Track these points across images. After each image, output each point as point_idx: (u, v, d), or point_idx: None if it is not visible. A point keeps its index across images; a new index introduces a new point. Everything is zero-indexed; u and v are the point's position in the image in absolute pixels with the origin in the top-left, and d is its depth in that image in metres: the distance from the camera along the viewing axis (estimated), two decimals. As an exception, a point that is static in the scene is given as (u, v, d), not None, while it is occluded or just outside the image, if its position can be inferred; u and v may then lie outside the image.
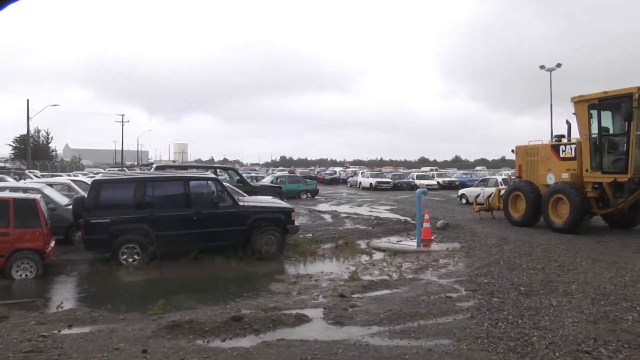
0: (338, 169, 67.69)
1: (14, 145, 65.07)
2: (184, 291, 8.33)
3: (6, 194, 10.02)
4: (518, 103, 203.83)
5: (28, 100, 46.96)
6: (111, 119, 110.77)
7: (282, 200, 16.32)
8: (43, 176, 27.77)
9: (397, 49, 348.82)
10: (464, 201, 24.08)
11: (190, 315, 6.20)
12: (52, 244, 9.80)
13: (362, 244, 12.52)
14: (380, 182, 38.74)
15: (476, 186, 23.97)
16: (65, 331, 5.88)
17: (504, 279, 8.20)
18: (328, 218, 18.77)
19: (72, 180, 17.11)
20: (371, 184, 38.78)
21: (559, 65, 38.89)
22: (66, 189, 15.18)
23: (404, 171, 54.87)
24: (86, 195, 10.67)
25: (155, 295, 7.39)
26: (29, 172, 30.57)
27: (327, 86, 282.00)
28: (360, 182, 41.30)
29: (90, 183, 11.43)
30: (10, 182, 18.83)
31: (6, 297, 7.91)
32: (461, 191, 25.66)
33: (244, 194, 13.85)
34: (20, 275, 8.98)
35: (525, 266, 9.24)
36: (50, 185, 14.43)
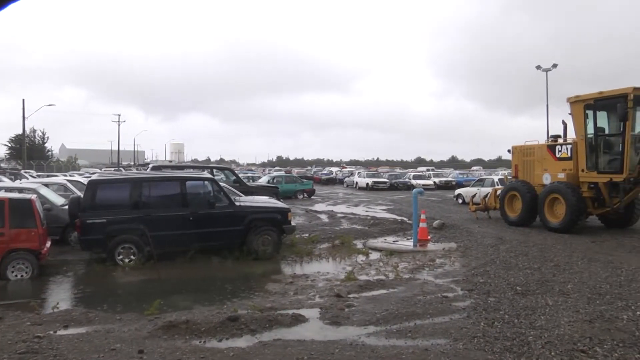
0: (334, 169, 67.70)
1: (9, 145, 64.89)
2: (180, 291, 8.31)
3: (1, 194, 9.97)
4: (514, 103, 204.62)
5: (24, 100, 46.49)
6: (107, 118, 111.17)
7: (279, 200, 16.31)
8: (39, 176, 27.72)
9: (393, 49, 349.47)
10: (460, 201, 24.14)
11: (186, 316, 6.19)
12: (48, 244, 9.77)
13: (359, 244, 12.51)
14: (377, 182, 38.78)
15: (472, 186, 24.02)
16: (61, 332, 5.86)
17: (500, 279, 8.23)
18: (324, 218, 18.77)
19: (68, 180, 17.08)
20: (368, 184, 38.79)
21: (555, 66, 39.11)
22: (62, 189, 15.14)
23: (401, 171, 55.02)
24: (82, 196, 10.65)
25: (152, 296, 7.38)
26: (25, 172, 30.53)
27: (324, 86, 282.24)
28: (357, 182, 41.30)
29: (86, 183, 11.41)
30: (6, 182, 18.76)
31: (1, 298, 7.87)
32: (457, 191, 25.72)
33: (241, 194, 13.84)
34: (16, 276, 8.95)
35: (521, 266, 9.27)
36: (46, 185, 14.39)
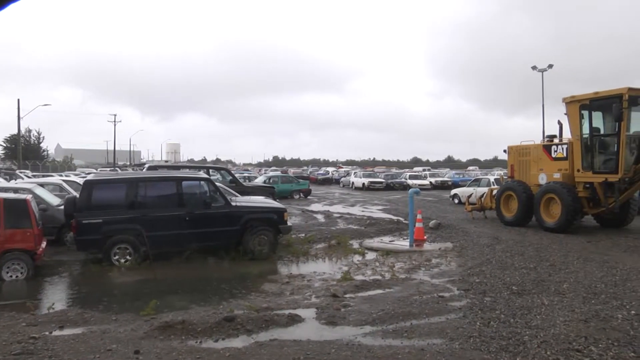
0: (331, 169, 67.68)
1: (4, 145, 64.46)
2: (176, 292, 8.29)
3: (-4, 194, 9.93)
4: (510, 103, 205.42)
5: (19, 100, 46.38)
6: (103, 118, 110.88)
7: (275, 200, 16.31)
8: (34, 176, 27.57)
9: (390, 49, 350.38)
10: (456, 201, 24.19)
11: (182, 316, 6.18)
12: (44, 244, 9.72)
13: (355, 244, 12.51)
14: (373, 182, 38.79)
15: (468, 186, 24.05)
16: (56, 333, 5.84)
17: (496, 279, 8.25)
18: (321, 218, 18.77)
19: (64, 181, 17.00)
20: (364, 184, 38.82)
21: (551, 66, 39.20)
22: (58, 189, 15.08)
23: (397, 171, 54.94)
24: (78, 196, 10.60)
25: (148, 296, 7.35)
26: (20, 172, 30.38)
27: (320, 86, 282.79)
28: (353, 182, 41.31)
29: (82, 183, 11.36)
30: (1, 182, 18.65)
31: (-4, 299, 7.83)
32: (453, 191, 25.76)
33: (237, 194, 13.84)
34: (11, 277, 8.90)
35: (517, 265, 9.30)
36: (42, 185, 14.32)
